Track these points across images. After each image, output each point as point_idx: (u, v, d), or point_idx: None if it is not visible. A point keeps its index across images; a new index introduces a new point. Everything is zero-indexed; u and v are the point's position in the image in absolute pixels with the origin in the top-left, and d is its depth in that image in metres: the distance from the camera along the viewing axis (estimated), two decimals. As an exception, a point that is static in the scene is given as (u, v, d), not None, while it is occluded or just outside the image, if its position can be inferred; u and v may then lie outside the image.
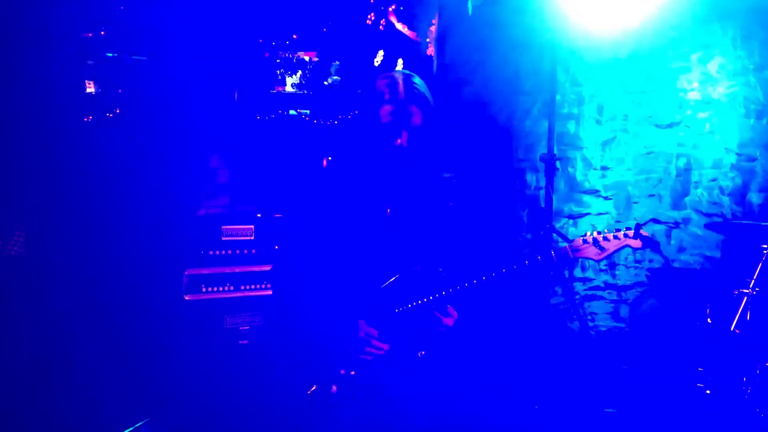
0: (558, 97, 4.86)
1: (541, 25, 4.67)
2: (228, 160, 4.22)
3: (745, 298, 3.25)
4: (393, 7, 7.36)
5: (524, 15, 4.68)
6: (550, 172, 4.60)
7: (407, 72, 2.43)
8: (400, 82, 2.31)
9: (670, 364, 4.58)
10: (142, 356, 3.74)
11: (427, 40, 7.13)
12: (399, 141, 2.26)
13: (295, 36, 4.93)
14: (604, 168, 4.94)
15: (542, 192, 4.80)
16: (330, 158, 4.35)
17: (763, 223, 3.70)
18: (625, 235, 2.14)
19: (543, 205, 4.70)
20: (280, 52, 4.87)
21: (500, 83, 4.90)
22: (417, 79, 2.37)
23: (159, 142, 3.96)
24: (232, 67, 4.34)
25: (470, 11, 5.04)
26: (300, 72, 4.87)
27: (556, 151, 4.60)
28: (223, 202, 4.11)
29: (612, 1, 4.42)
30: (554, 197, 4.67)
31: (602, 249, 2.12)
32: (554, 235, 4.56)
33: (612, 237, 2.14)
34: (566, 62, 4.90)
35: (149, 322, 3.78)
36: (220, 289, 3.90)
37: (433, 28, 7.13)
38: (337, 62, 5.29)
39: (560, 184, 4.96)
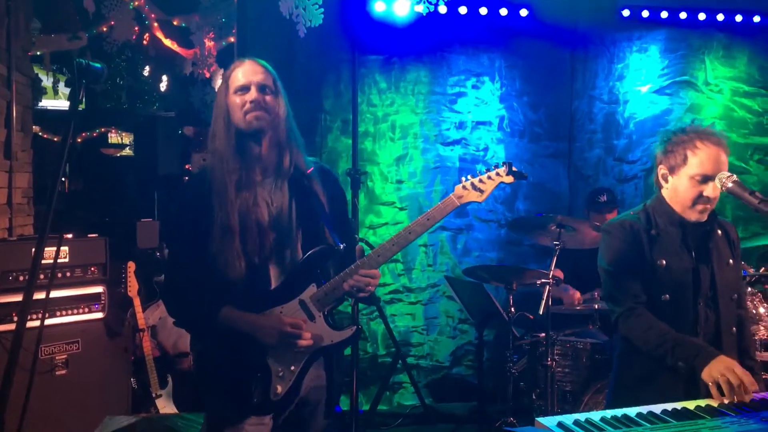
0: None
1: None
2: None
3: (547, 287, 3.81)
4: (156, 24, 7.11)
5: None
6: (355, 186, 4.92)
7: None
8: None
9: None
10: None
11: (209, 60, 6.97)
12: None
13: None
14: (399, 181, 5.40)
15: (349, 205, 5.09)
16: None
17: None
18: (497, 174, 2.28)
19: (350, 216, 5.00)
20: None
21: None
22: None
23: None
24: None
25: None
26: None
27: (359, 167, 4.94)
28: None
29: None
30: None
31: (481, 191, 2.28)
32: (362, 244, 4.88)
33: (486, 178, 2.28)
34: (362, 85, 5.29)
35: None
36: (35, 317, 3.57)
37: (211, 44, 7.01)
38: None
39: (361, 197, 5.30)
